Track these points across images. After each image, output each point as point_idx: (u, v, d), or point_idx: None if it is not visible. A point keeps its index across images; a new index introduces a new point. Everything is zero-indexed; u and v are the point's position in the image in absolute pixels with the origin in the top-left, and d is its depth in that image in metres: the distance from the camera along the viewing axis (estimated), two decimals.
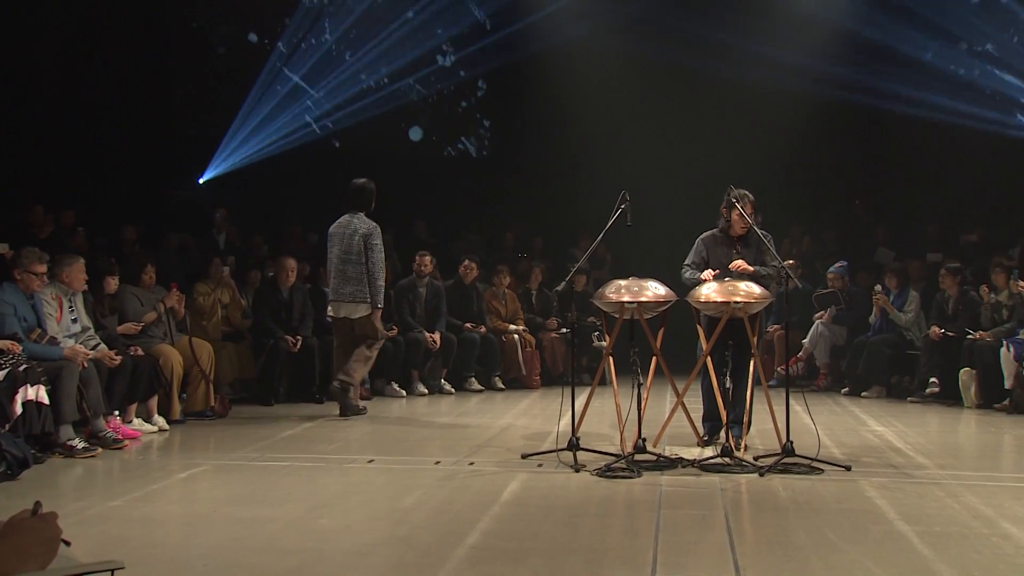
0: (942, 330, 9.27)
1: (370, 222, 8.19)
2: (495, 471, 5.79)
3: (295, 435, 7.21)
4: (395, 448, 6.70)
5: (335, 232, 8.22)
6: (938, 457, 6.31)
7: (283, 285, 9.22)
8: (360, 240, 8.09)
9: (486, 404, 9.33)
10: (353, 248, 8.10)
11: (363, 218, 8.24)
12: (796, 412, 6.80)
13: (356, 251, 8.09)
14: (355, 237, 8.10)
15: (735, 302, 6.11)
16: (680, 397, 6.49)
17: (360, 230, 8.12)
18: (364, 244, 8.07)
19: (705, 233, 6.80)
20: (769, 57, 12.92)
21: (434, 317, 10.19)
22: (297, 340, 9.00)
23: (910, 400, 9.38)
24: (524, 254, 12.80)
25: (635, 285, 6.22)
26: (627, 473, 5.60)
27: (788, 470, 5.68)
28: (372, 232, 8.12)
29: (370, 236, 8.10)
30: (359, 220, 8.18)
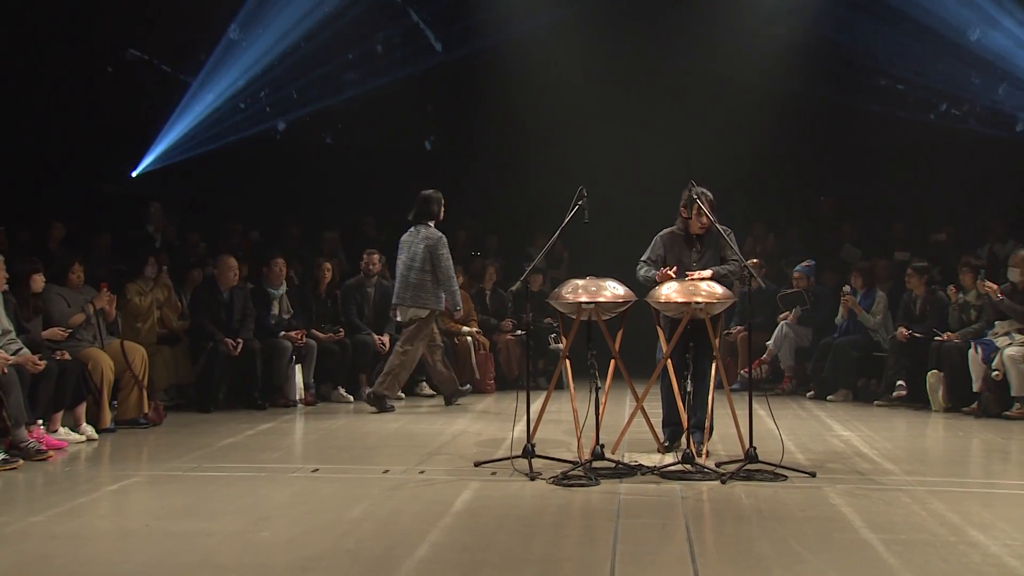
0: (909, 331, 9.42)
1: (436, 232, 8.92)
2: (446, 480, 5.78)
3: (235, 444, 7.15)
4: (341, 456, 6.67)
5: (404, 241, 9.02)
6: (905, 463, 6.41)
7: (223, 285, 9.13)
8: (425, 249, 8.80)
9: (437, 409, 9.30)
10: (417, 256, 8.82)
11: (430, 228, 8.95)
12: (760, 417, 6.87)
13: (420, 259, 8.81)
14: (420, 246, 8.83)
15: (696, 303, 6.15)
16: (639, 401, 6.52)
17: (426, 240, 8.83)
18: (430, 254, 8.78)
19: (664, 231, 6.84)
20: (732, 49, 13.03)
21: (383, 319, 10.15)
22: (238, 343, 8.92)
23: (877, 404, 9.51)
24: (478, 252, 12.79)
25: (593, 285, 6.24)
26: (584, 481, 5.61)
27: (751, 477, 5.73)
28: (437, 242, 8.83)
29: (435, 246, 8.81)
30: (425, 230, 8.91)
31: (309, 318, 9.81)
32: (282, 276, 9.65)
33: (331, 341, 9.70)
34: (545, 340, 11.06)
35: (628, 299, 6.29)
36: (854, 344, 9.99)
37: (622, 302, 6.27)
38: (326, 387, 9.75)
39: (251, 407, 8.96)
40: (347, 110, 13.85)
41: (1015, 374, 8.40)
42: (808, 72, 13.03)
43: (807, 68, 12.98)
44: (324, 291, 10.04)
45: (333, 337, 9.74)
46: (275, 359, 9.20)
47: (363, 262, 10.29)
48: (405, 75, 14.12)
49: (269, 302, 9.50)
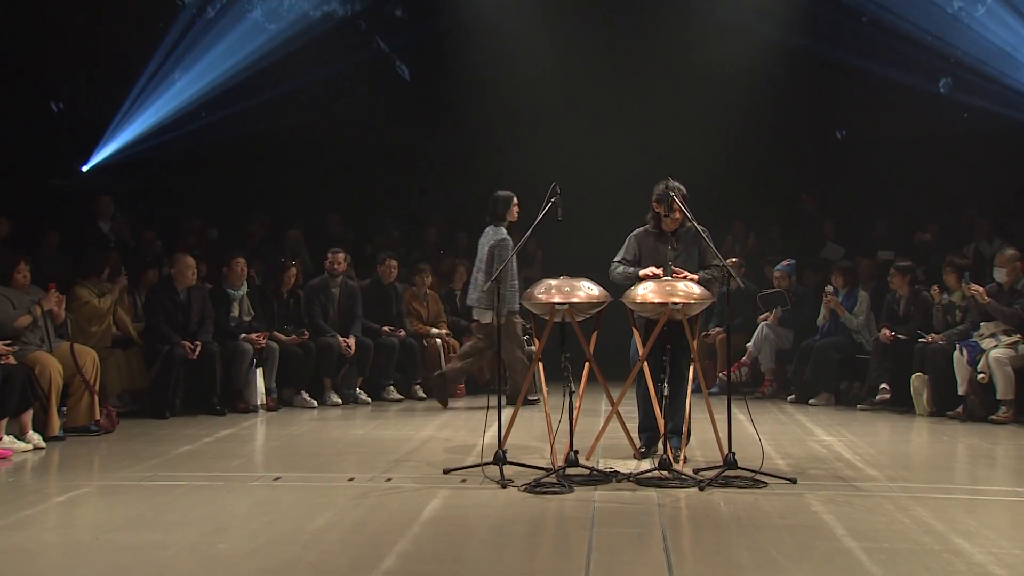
0: (893, 333, 9.48)
1: (501, 232, 9.06)
2: (415, 488, 5.76)
3: (192, 451, 7.09)
4: (305, 464, 6.63)
5: (479, 242, 9.29)
6: (888, 468, 6.45)
7: (180, 286, 9.06)
8: (489, 251, 9.01)
9: (405, 415, 9.28)
10: (483, 258, 9.09)
11: (497, 229, 9.12)
12: (739, 421, 6.89)
13: (486, 260, 9.04)
14: (485, 248, 9.07)
15: (673, 303, 6.16)
16: (615, 406, 6.53)
17: (491, 241, 9.03)
18: (492, 255, 8.95)
19: (638, 229, 6.85)
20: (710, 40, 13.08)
21: (348, 320, 10.12)
22: (196, 346, 8.86)
23: (860, 408, 9.57)
24: (445, 251, 12.76)
25: (566, 285, 6.24)
26: (558, 488, 5.61)
27: (730, 484, 5.75)
28: (499, 243, 8.97)
29: (496, 246, 8.95)
30: (492, 231, 9.10)
31: (271, 320, 9.76)
32: (243, 276, 9.59)
33: (294, 344, 9.65)
34: None
35: (603, 300, 6.30)
36: (836, 346, 10.05)
37: (597, 303, 6.27)
38: (289, 392, 9.70)
39: (210, 413, 8.91)
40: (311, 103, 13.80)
41: (1001, 377, 8.47)
42: (789, 64, 13.11)
43: (788, 60, 13.06)
44: (287, 292, 9.99)
45: (296, 339, 9.69)
46: (235, 362, 9.15)
47: (327, 261, 10.24)
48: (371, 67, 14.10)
49: (229, 303, 9.44)
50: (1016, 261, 8.89)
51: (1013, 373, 8.48)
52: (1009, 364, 8.49)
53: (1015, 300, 8.75)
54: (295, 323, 9.93)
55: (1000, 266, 8.98)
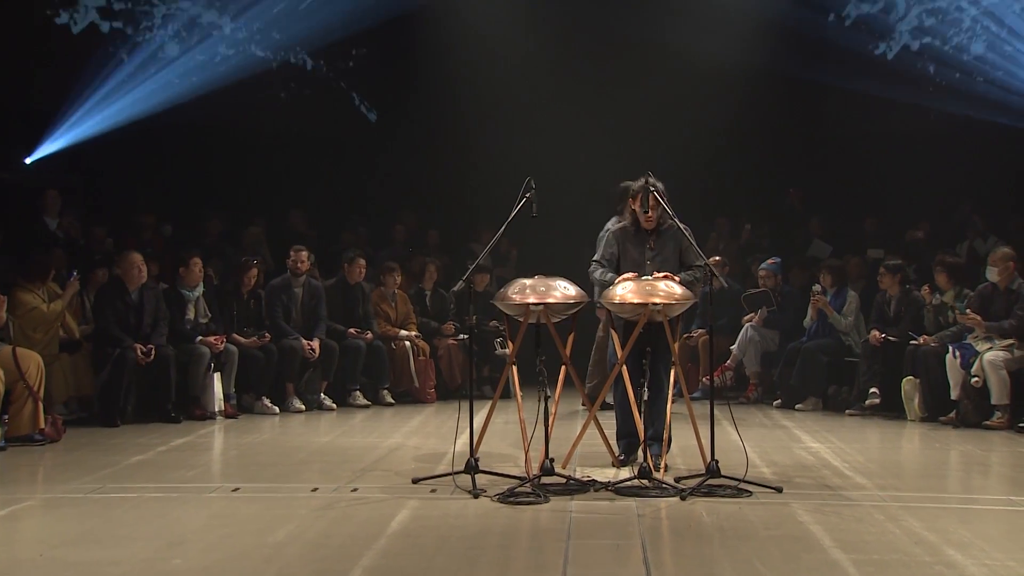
0: (883, 334, 9.54)
1: (610, 223, 8.51)
2: (382, 498, 5.75)
3: (145, 461, 7.04)
4: (265, 473, 6.60)
5: None
6: (878, 477, 6.49)
7: (130, 285, 8.99)
8: None
9: (373, 421, 9.26)
10: None
11: (614, 221, 8.77)
12: (722, 427, 6.91)
13: None
14: None
15: (653, 304, 6.18)
16: (592, 412, 6.53)
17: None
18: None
19: (615, 226, 6.86)
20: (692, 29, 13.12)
21: (312, 321, 10.08)
22: (148, 349, 8.80)
23: (848, 413, 9.63)
24: (413, 249, 12.75)
25: (542, 285, 6.25)
26: (532, 498, 5.61)
27: (713, 493, 5.76)
28: (601, 234, 8.53)
29: (599, 237, 8.57)
30: (610, 222, 8.52)
31: (230, 321, 9.71)
32: (199, 276, 9.53)
33: (254, 347, 9.61)
34: (490, 345, 11.06)
35: (580, 300, 6.30)
36: (824, 348, 10.10)
37: (573, 303, 6.28)
38: (248, 397, 9.66)
39: (164, 420, 8.85)
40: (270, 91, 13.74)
41: (996, 381, 8.53)
42: (774, 53, 13.17)
43: (772, 49, 13.11)
44: (247, 292, 9.94)
45: (257, 342, 9.64)
46: (191, 367, 9.11)
47: (290, 259, 10.20)
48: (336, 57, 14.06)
49: (184, 304, 9.39)
50: (1009, 260, 8.94)
51: (1008, 377, 8.53)
52: (1004, 367, 8.55)
53: (1011, 303, 8.81)
54: (255, 325, 9.88)
55: (992, 265, 9.04)
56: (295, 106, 13.89)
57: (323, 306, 10.19)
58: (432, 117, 13.91)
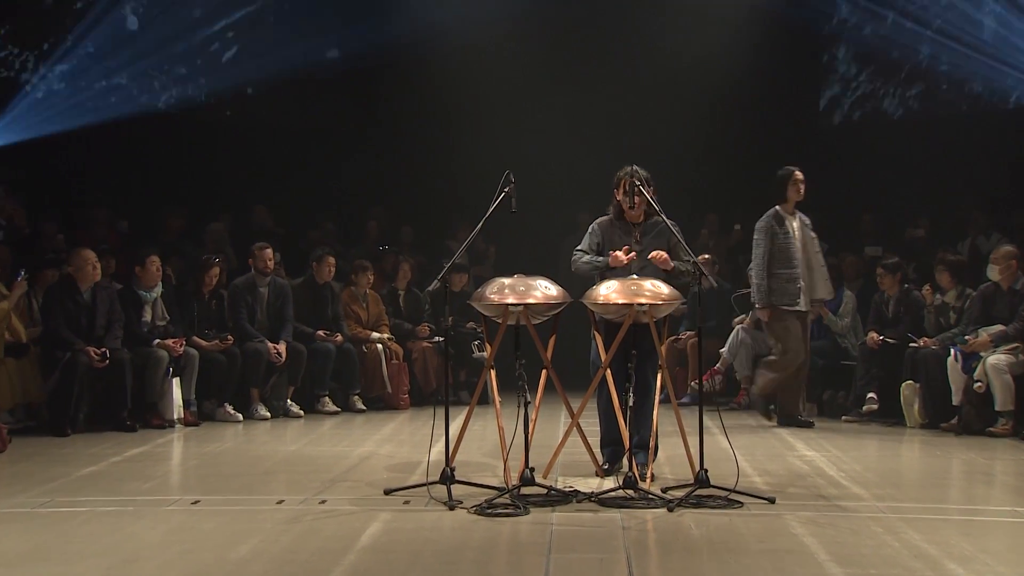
0: (881, 337, 9.57)
1: (766, 214, 9.14)
2: (352, 511, 5.74)
3: (98, 473, 7.00)
4: (228, 485, 6.58)
5: None
6: (876, 486, 6.51)
7: (82, 284, 8.94)
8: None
9: (342, 429, 9.25)
10: None
11: (771, 210, 9.17)
12: (712, 435, 6.92)
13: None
14: None
15: (639, 304, 6.18)
16: (575, 418, 6.53)
17: None
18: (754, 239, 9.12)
19: (601, 218, 6.88)
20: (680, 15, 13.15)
21: (278, 323, 10.05)
22: (102, 353, 8.74)
23: (845, 419, 9.66)
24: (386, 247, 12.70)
25: (521, 284, 6.24)
26: (512, 510, 5.61)
27: (702, 503, 5.77)
28: (757, 226, 9.10)
29: (755, 229, 9.08)
30: None
31: (190, 323, 9.67)
32: (157, 275, 9.48)
33: (216, 350, 9.57)
34: (467, 348, 11.04)
35: (561, 300, 6.30)
36: (819, 351, 10.13)
37: (555, 304, 6.27)
38: (210, 404, 9.63)
39: (118, 429, 8.80)
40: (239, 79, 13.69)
41: (999, 385, 8.56)
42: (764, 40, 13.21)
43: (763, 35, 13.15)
44: (208, 292, 9.90)
45: (219, 345, 9.60)
46: (148, 371, 9.06)
47: (255, 258, 10.15)
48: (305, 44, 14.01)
49: (141, 305, 9.33)
50: (1012, 259, 8.97)
51: (1012, 381, 8.57)
52: (1008, 372, 8.58)
53: (1015, 304, 8.84)
54: (217, 327, 9.84)
55: (994, 263, 9.07)
56: (260, 94, 13.83)
57: (290, 307, 10.16)
58: (407, 107, 13.89)
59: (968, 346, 8.78)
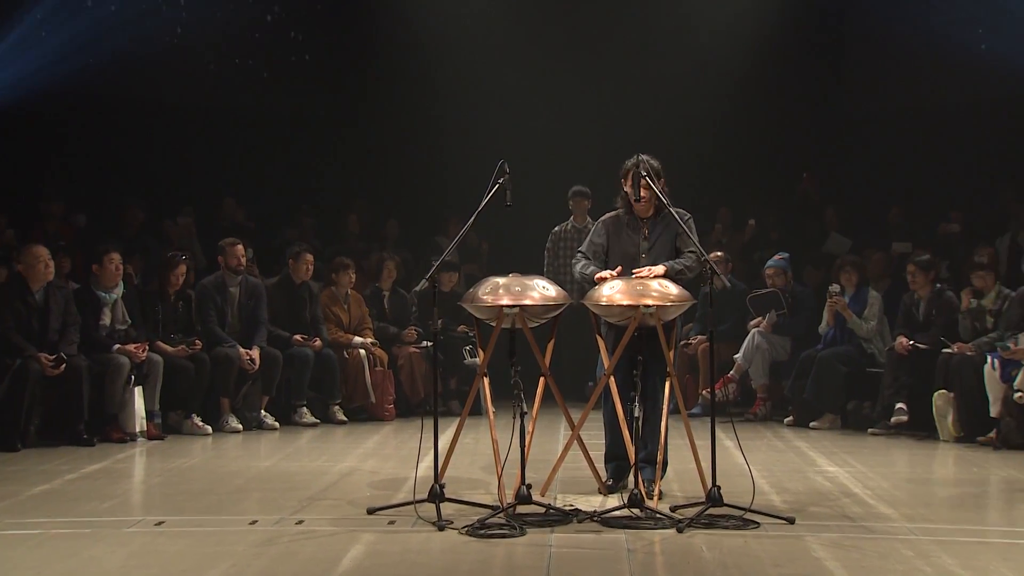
0: (911, 341, 9.56)
1: None
2: (332, 532, 5.74)
3: (51, 491, 6.99)
4: (195, 504, 6.58)
5: None
6: (906, 506, 6.51)
7: (34, 284, 8.92)
8: None
9: (322, 442, 9.26)
10: None
11: None
12: (725, 448, 6.93)
13: None
14: None
15: (646, 306, 6.18)
16: (576, 430, 6.53)
17: None
18: None
19: (606, 215, 6.88)
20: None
21: (251, 327, 10.05)
22: (56, 359, 8.71)
23: (871, 432, 9.66)
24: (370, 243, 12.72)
25: (517, 284, 6.25)
26: (507, 530, 5.61)
27: (714, 524, 5.78)
28: None
29: None
30: None
31: (154, 327, 9.66)
32: (118, 274, 9.47)
33: (183, 356, 9.56)
34: (458, 353, 11.04)
35: (561, 302, 6.31)
36: (843, 357, 10.12)
37: (553, 306, 6.28)
38: (176, 415, 9.62)
39: (74, 443, 8.77)
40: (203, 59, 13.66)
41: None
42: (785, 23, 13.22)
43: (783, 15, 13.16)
44: (173, 292, 9.88)
45: (185, 351, 9.59)
46: (107, 380, 9.04)
47: (223, 255, 10.14)
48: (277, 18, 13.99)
49: (99, 307, 9.31)
50: None
51: None
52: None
53: None
54: (184, 331, 9.83)
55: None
56: (230, 75, 13.81)
57: (264, 309, 10.15)
58: (392, 91, 13.88)
59: (1008, 352, 8.79)
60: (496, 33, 13.37)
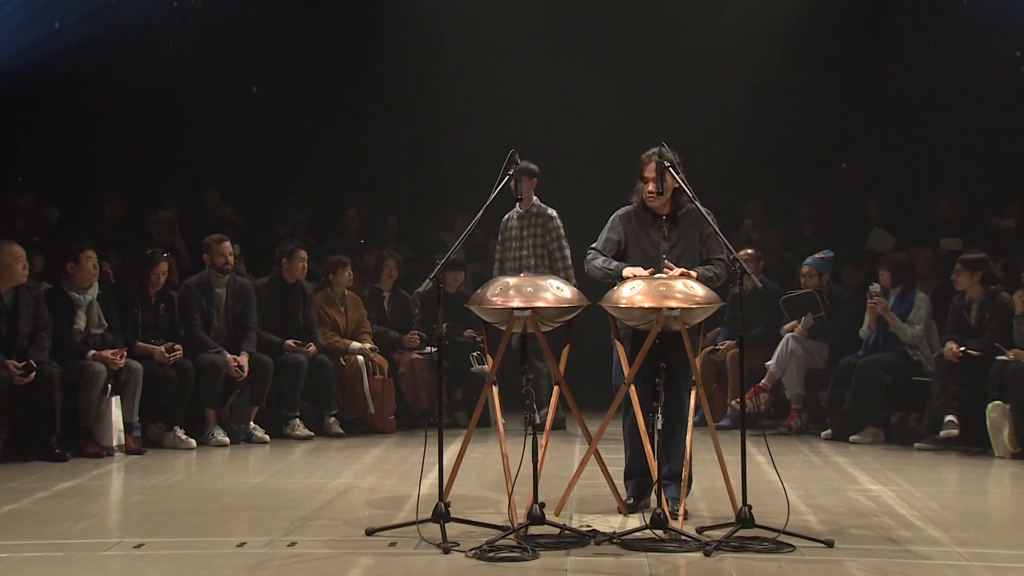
0: (961, 348, 9.54)
1: None
2: (327, 554, 5.75)
3: (20, 511, 7.01)
4: (178, 525, 6.59)
5: None
6: (957, 528, 6.49)
7: (3, 285, 8.95)
8: None
9: (316, 457, 9.28)
10: None
11: None
12: (757, 464, 6.93)
13: None
14: None
15: (669, 308, 6.18)
16: (593, 444, 6.54)
17: None
18: None
19: (622, 209, 6.88)
20: None
21: (239, 331, 10.08)
22: (25, 367, 8.74)
23: (918, 447, 9.64)
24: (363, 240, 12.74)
25: (529, 285, 6.26)
26: (518, 553, 5.62)
27: (745, 547, 5.77)
28: None
29: None
30: None
31: (133, 331, 9.69)
32: (93, 273, 9.49)
33: (164, 363, 9.58)
34: (465, 360, 11.06)
35: (576, 304, 6.31)
36: (886, 365, 10.11)
37: (568, 308, 6.28)
38: (157, 428, 9.65)
39: (45, 458, 8.79)
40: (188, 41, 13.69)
41: None
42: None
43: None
44: (155, 294, 9.92)
45: (167, 357, 9.62)
46: (82, 389, 9.06)
47: (209, 253, 10.17)
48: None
49: (73, 310, 9.34)
50: None
51: None
52: None
53: None
54: (166, 335, 9.86)
55: None
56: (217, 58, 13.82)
57: (253, 312, 10.18)
58: (393, 74, 13.88)
59: None
60: (507, 14, 13.36)
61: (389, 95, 14.01)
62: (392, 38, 13.68)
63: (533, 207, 10.01)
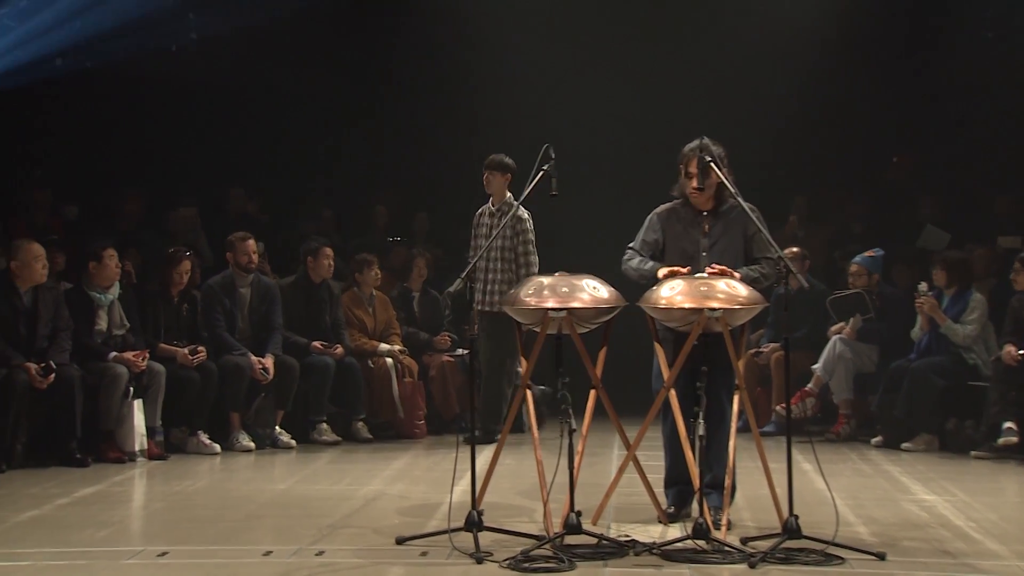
0: (1020, 351, 9.50)
1: None
2: (356, 564, 5.77)
3: (41, 518, 7.06)
4: (202, 533, 6.63)
5: None
6: (1017, 541, 6.45)
7: (23, 285, 9.02)
8: None
9: (344, 462, 9.30)
10: None
11: None
12: (804, 472, 6.92)
13: None
14: None
15: (711, 309, 6.18)
16: (631, 450, 6.54)
17: None
18: None
19: (660, 207, 6.87)
20: None
21: (264, 332, 10.12)
22: (45, 369, 8.80)
23: (975, 455, 9.59)
24: (398, 238, 12.76)
25: (564, 285, 6.26)
26: (554, 563, 5.62)
27: (792, 559, 5.76)
28: None
29: None
30: None
31: (155, 332, 9.73)
32: (115, 273, 9.55)
33: (187, 365, 9.63)
34: None
35: (614, 304, 6.32)
36: (939, 369, 10.06)
37: (606, 309, 6.29)
38: (180, 432, 9.70)
39: (66, 463, 8.86)
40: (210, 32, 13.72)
41: None
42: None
43: None
44: (177, 294, 9.96)
45: (190, 359, 9.66)
46: (103, 392, 9.12)
47: (232, 252, 10.21)
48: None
49: (94, 310, 9.40)
50: None
51: None
52: None
53: None
54: (188, 337, 9.90)
55: None
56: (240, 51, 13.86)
57: (278, 312, 10.22)
58: (422, 68, 13.89)
59: None
60: (539, 9, 13.35)
61: (417, 89, 14.01)
62: (422, 32, 13.69)
63: (505, 204, 10.02)
